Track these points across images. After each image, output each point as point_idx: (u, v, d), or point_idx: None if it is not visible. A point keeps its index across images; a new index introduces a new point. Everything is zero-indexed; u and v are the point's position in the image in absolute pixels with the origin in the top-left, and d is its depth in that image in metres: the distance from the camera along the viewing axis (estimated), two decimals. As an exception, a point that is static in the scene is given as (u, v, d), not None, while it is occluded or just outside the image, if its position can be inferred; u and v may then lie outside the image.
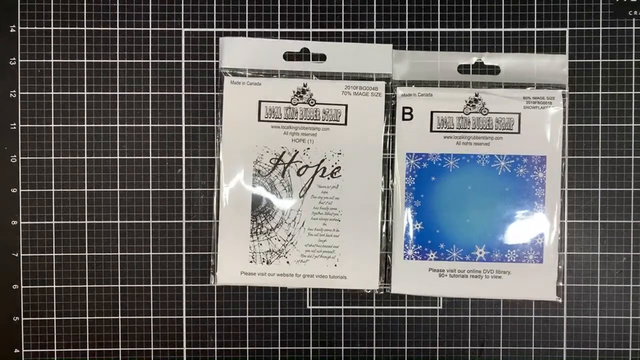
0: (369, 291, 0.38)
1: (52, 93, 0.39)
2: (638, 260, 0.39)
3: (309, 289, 0.39)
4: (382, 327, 0.39)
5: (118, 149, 0.39)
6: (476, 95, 0.38)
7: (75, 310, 0.39)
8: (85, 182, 0.39)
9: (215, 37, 0.39)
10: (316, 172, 0.38)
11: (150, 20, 0.39)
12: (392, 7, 0.39)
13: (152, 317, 0.39)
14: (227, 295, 0.39)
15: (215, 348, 0.39)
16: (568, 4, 0.39)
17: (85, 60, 0.39)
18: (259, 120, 0.38)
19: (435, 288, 0.38)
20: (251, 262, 0.38)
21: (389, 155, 0.38)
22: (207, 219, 0.39)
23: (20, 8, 0.39)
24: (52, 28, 0.39)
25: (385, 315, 0.39)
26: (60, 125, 0.39)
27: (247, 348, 0.39)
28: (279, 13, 0.39)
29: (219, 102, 0.38)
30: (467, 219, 0.37)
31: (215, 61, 0.39)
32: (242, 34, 0.39)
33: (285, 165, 0.38)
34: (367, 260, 0.38)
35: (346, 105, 0.38)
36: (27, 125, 0.39)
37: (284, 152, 0.38)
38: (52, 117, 0.39)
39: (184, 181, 0.39)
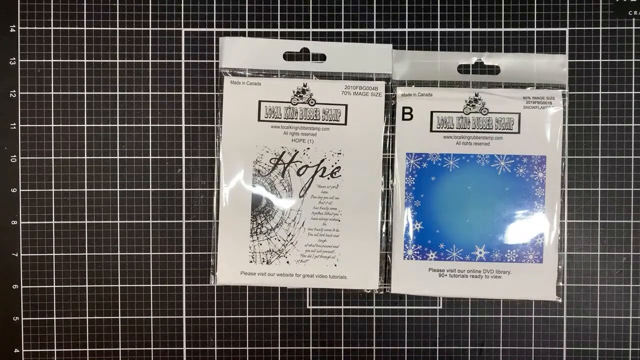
0: (369, 291, 0.38)
1: (52, 93, 0.39)
2: (638, 260, 0.39)
3: (309, 289, 0.39)
4: (382, 327, 0.39)
5: (118, 149, 0.39)
6: (476, 95, 0.38)
7: (75, 310, 0.39)
8: (85, 182, 0.39)
9: (215, 37, 0.39)
10: (316, 172, 0.38)
11: (150, 20, 0.39)
12: (392, 7, 0.39)
13: (152, 317, 0.39)
14: (227, 295, 0.39)
15: (215, 348, 0.39)
16: (568, 4, 0.39)
17: (85, 60, 0.39)
18: (259, 120, 0.38)
19: (435, 288, 0.38)
20: (251, 262, 0.38)
21: (389, 155, 0.38)
22: (207, 219, 0.39)
23: (20, 8, 0.39)
24: (52, 28, 0.39)
25: (385, 315, 0.39)
26: (60, 125, 0.39)
27: (247, 348, 0.39)
28: (279, 13, 0.39)
29: (219, 102, 0.38)
30: (467, 219, 0.37)
31: (215, 61, 0.39)
32: (242, 34, 0.39)
33: (285, 165, 0.38)
34: (367, 260, 0.38)
35: (346, 105, 0.38)
36: (27, 125, 0.39)
37: (283, 152, 0.38)
38: (52, 117, 0.39)
39: (184, 181, 0.39)
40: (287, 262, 0.38)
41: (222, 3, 0.39)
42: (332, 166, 0.38)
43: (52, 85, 0.39)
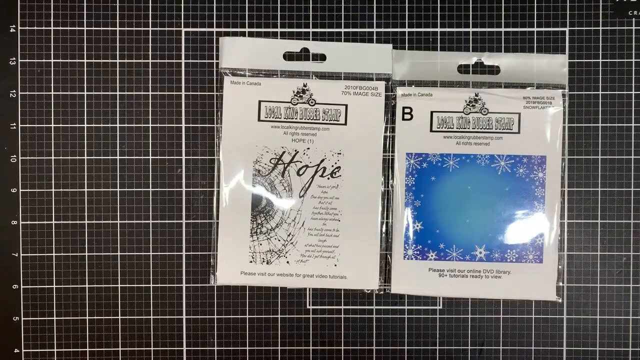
0: (369, 291, 0.38)
1: (52, 93, 0.39)
2: (638, 260, 0.39)
3: (309, 289, 0.39)
4: (382, 327, 0.39)
5: (118, 149, 0.39)
6: (476, 95, 0.38)
7: (75, 310, 0.39)
8: (85, 182, 0.39)
9: (215, 37, 0.39)
10: (316, 172, 0.38)
11: (150, 20, 0.39)
12: (392, 7, 0.39)
13: (152, 317, 0.39)
14: (227, 295, 0.39)
15: (215, 348, 0.39)
16: (568, 4, 0.39)
17: (85, 60, 0.39)
18: (259, 120, 0.38)
19: (435, 288, 0.38)
20: (251, 262, 0.38)
21: (389, 155, 0.38)
22: (207, 219, 0.39)
23: (20, 8, 0.39)
24: (52, 28, 0.39)
25: (385, 315, 0.39)
26: (60, 125, 0.39)
27: (247, 348, 0.39)
28: (279, 13, 0.39)
29: (219, 102, 0.38)
30: (467, 219, 0.37)
31: (215, 61, 0.39)
32: (242, 34, 0.39)
33: (285, 165, 0.38)
34: (367, 260, 0.38)
35: (346, 105, 0.38)
36: (27, 125, 0.39)
37: (283, 152, 0.38)
38: (52, 117, 0.39)
39: (184, 181, 0.39)
40: (287, 262, 0.38)
41: (222, 3, 0.39)
42: (332, 166, 0.38)
43: (52, 85, 0.39)
